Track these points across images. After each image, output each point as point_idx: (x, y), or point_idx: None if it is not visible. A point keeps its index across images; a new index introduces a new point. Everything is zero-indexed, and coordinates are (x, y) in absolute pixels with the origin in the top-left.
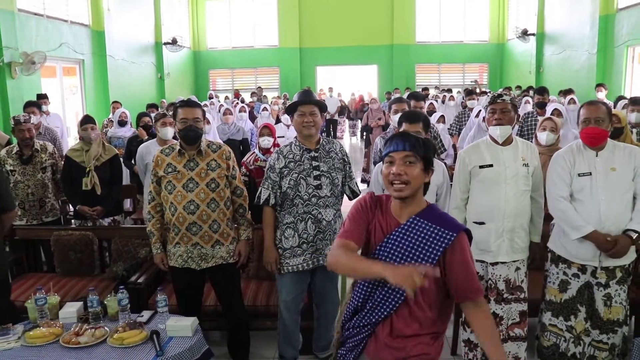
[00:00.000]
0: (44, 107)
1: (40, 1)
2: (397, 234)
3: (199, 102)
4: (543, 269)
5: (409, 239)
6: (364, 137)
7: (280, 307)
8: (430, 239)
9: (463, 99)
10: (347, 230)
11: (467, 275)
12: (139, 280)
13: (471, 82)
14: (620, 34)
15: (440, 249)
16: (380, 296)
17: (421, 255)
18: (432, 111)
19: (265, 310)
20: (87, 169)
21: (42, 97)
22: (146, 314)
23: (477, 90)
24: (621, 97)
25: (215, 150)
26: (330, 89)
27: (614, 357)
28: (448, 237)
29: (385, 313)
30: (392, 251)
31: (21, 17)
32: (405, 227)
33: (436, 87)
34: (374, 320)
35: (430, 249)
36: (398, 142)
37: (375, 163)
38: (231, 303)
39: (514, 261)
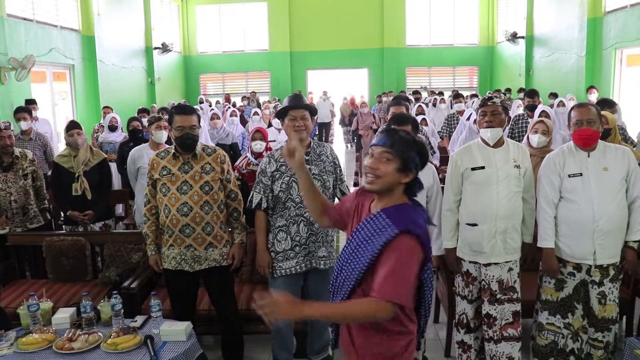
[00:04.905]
0: (32, 113)
1: (29, 6)
2: (362, 224)
3: (194, 108)
4: (535, 269)
5: (366, 231)
6: (354, 141)
7: None
8: (377, 233)
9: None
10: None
11: (385, 275)
12: (132, 285)
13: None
14: (609, 37)
15: (380, 244)
16: (340, 281)
17: (367, 249)
18: (421, 113)
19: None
20: (77, 174)
21: (30, 103)
22: (140, 319)
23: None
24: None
25: (210, 154)
26: (325, 93)
27: (608, 354)
28: (390, 232)
29: (339, 299)
30: (354, 241)
31: (10, 22)
32: (369, 219)
33: (424, 88)
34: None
35: (374, 243)
36: (382, 137)
37: None
38: (224, 307)
39: (507, 262)
